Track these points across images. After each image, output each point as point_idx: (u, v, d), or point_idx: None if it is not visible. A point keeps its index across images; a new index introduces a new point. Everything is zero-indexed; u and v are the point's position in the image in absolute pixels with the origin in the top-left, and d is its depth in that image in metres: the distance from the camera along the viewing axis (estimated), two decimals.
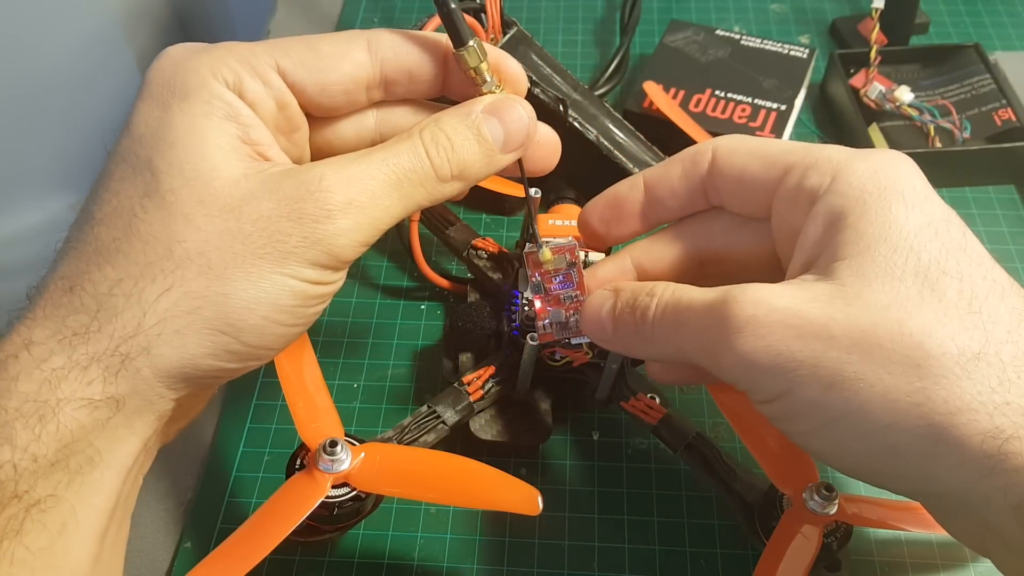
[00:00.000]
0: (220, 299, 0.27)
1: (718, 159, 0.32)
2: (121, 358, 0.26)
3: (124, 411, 0.27)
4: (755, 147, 0.31)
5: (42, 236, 0.29)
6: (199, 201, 0.27)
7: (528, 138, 0.31)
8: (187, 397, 0.29)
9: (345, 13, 0.68)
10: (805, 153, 0.30)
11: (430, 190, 0.30)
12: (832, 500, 0.35)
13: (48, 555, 0.25)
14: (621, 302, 0.31)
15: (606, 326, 0.32)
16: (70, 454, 0.25)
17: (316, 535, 0.37)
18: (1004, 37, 0.64)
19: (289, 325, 0.29)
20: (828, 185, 0.28)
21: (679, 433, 0.40)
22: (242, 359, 0.29)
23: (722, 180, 0.32)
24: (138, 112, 0.28)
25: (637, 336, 0.31)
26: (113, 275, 0.27)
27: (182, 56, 0.29)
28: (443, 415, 0.40)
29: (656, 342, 0.30)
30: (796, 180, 0.29)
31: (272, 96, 0.29)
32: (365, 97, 0.31)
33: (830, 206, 0.28)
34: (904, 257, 0.26)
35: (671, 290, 0.30)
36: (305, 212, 0.27)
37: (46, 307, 0.27)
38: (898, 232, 0.27)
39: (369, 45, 0.30)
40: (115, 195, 0.28)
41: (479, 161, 0.30)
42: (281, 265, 0.28)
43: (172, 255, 0.27)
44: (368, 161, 0.29)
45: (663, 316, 0.30)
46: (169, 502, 0.42)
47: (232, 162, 0.28)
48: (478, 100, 0.30)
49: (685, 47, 0.59)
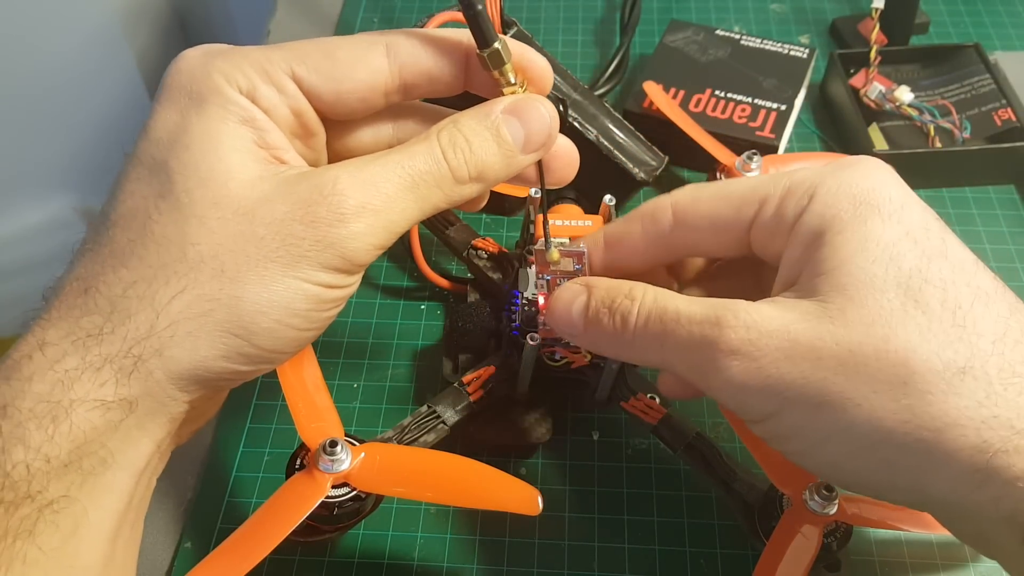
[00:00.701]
0: (233, 302, 0.27)
1: (680, 213, 0.32)
2: (134, 360, 0.26)
3: (137, 413, 0.27)
4: (718, 191, 0.32)
5: (42, 236, 0.29)
6: (213, 203, 0.27)
7: (550, 138, 0.31)
8: (200, 400, 0.29)
9: (345, 13, 0.68)
10: (776, 183, 0.30)
11: (447, 192, 0.29)
12: (832, 500, 0.35)
13: (60, 555, 0.25)
14: (596, 300, 0.31)
15: (576, 323, 0.31)
16: (83, 455, 0.25)
17: (316, 535, 0.37)
18: (1004, 37, 0.64)
19: (302, 329, 0.29)
20: (805, 206, 0.29)
21: (679, 433, 0.40)
22: (254, 362, 0.28)
23: (689, 232, 0.32)
24: (156, 115, 0.28)
25: (615, 340, 0.30)
26: (128, 277, 0.27)
27: (198, 60, 0.29)
28: (443, 415, 0.40)
29: (636, 349, 0.30)
30: (772, 211, 0.30)
31: (286, 103, 0.29)
32: (383, 102, 0.31)
33: (808, 227, 0.28)
34: (884, 268, 0.26)
35: (652, 296, 0.30)
36: (318, 216, 0.27)
37: (61, 308, 0.27)
38: (875, 244, 0.27)
39: (388, 50, 0.30)
40: (131, 196, 0.28)
41: (499, 162, 0.30)
42: (294, 268, 0.27)
43: (185, 257, 0.27)
44: (383, 163, 0.28)
45: (646, 325, 0.29)
46: (169, 502, 0.42)
47: (248, 164, 0.28)
48: (498, 100, 0.30)
49: (685, 47, 0.59)
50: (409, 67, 0.30)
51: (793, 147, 0.57)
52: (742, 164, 0.49)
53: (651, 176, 0.50)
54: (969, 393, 0.25)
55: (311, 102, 0.29)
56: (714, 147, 0.50)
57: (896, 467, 0.26)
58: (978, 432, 0.25)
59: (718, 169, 0.50)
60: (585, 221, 0.43)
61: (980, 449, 0.25)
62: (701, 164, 0.52)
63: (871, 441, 0.26)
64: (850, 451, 0.26)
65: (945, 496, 0.26)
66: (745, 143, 0.52)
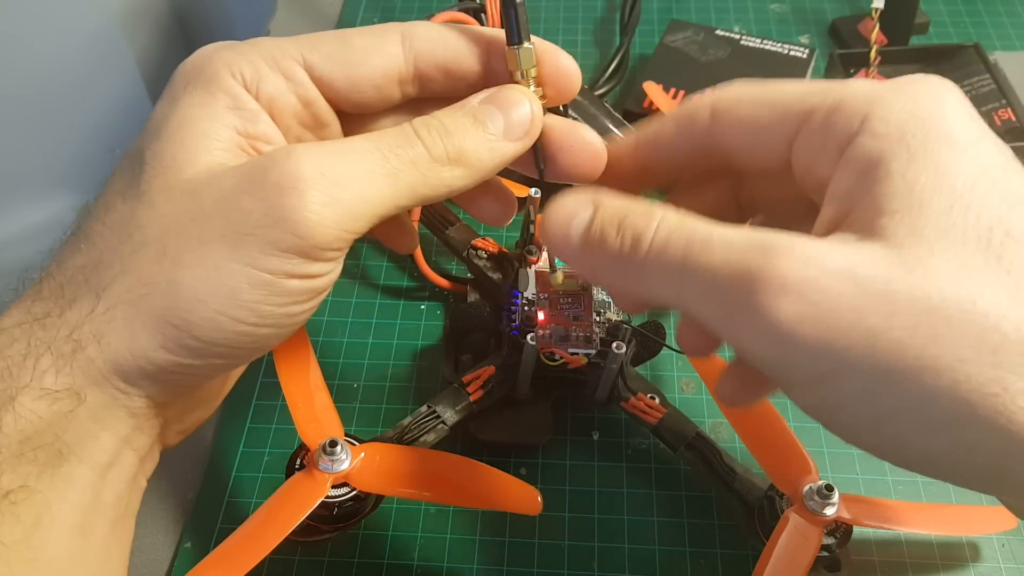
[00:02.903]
0: (170, 287, 0.25)
1: (720, 113, 0.28)
2: (73, 345, 0.25)
3: (88, 405, 0.26)
4: (763, 94, 0.27)
5: (42, 236, 0.29)
6: (167, 188, 0.26)
7: (533, 124, 0.28)
8: (166, 396, 0.28)
9: (345, 13, 0.68)
10: (827, 92, 0.25)
11: (424, 171, 0.27)
12: (832, 500, 0.35)
13: (24, 548, 0.24)
14: (602, 218, 0.25)
15: (572, 242, 0.25)
16: (36, 446, 0.25)
17: (316, 535, 0.37)
18: (1004, 37, 0.64)
19: (251, 324, 0.26)
20: (859, 126, 0.24)
21: (679, 433, 0.40)
22: (201, 356, 0.26)
23: (728, 136, 0.27)
24: (155, 108, 0.28)
25: (620, 265, 0.25)
26: (79, 261, 0.26)
27: (208, 52, 0.28)
28: (443, 415, 0.40)
29: (647, 279, 0.24)
30: (819, 125, 0.25)
31: (294, 91, 0.28)
32: (398, 93, 0.29)
33: (864, 150, 0.23)
34: (963, 216, 0.22)
35: (675, 216, 0.24)
36: (268, 183, 0.25)
37: (23, 297, 0.26)
38: (951, 183, 0.22)
39: (403, 38, 0.29)
40: (107, 188, 0.27)
41: (480, 145, 0.28)
42: (237, 250, 0.25)
43: (131, 239, 0.25)
44: (351, 139, 0.27)
45: (665, 250, 0.23)
46: (169, 502, 0.42)
47: (214, 152, 0.26)
48: (477, 94, 0.29)
49: (685, 47, 0.59)
50: (425, 57, 0.29)
51: None
52: None
53: None
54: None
55: (324, 91, 0.29)
56: None
57: (978, 448, 0.22)
58: None
59: None
60: None
61: None
62: None
63: (952, 417, 0.22)
64: (924, 428, 0.22)
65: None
66: None
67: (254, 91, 0.28)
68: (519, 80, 0.29)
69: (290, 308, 0.27)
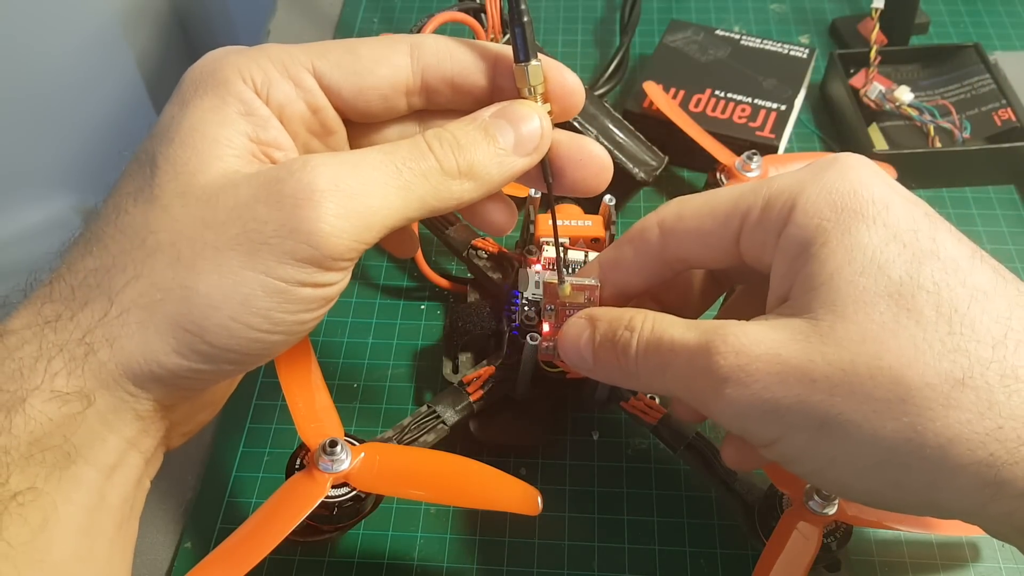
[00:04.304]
0: (184, 293, 0.25)
1: (667, 230, 0.31)
2: (86, 348, 0.25)
3: (97, 407, 0.26)
4: (702, 205, 0.30)
5: (42, 236, 0.29)
6: (180, 193, 0.26)
7: (543, 140, 0.29)
8: (173, 400, 0.28)
9: (345, 13, 0.68)
10: (757, 192, 0.29)
11: (435, 184, 0.28)
12: (832, 500, 0.35)
13: (30, 550, 0.24)
14: (599, 334, 0.30)
15: (586, 357, 0.31)
16: (44, 448, 0.25)
17: (316, 535, 0.37)
18: (1004, 37, 0.64)
19: (264, 331, 0.27)
20: (787, 216, 0.27)
21: (679, 433, 0.40)
22: (213, 361, 0.27)
23: (681, 248, 0.31)
24: (164, 111, 0.28)
25: (621, 372, 0.30)
26: (90, 264, 0.26)
27: (218, 56, 0.28)
28: (443, 415, 0.40)
29: (642, 379, 0.29)
30: (755, 222, 0.28)
31: (303, 98, 0.28)
32: (405, 104, 0.30)
33: (792, 240, 0.27)
34: (873, 279, 0.25)
35: (650, 324, 0.29)
36: (284, 194, 0.25)
37: (31, 298, 0.26)
38: (862, 253, 0.25)
39: (412, 50, 0.29)
40: (117, 190, 0.28)
41: (490, 160, 0.29)
42: (253, 259, 0.25)
43: (144, 245, 0.26)
44: (364, 151, 0.27)
45: (646, 356, 0.29)
46: (169, 502, 0.42)
47: (226, 158, 0.27)
48: (489, 107, 0.30)
49: (685, 47, 0.59)
50: (432, 70, 0.29)
51: (793, 147, 0.57)
52: (742, 164, 0.49)
53: (651, 176, 0.50)
54: (970, 405, 0.24)
55: (331, 99, 0.29)
56: (714, 147, 0.50)
57: (904, 485, 0.25)
58: (984, 446, 0.24)
59: (718, 169, 0.50)
60: (585, 221, 0.43)
61: (987, 463, 0.24)
62: (701, 164, 0.52)
63: (876, 460, 0.25)
64: (857, 471, 0.26)
65: (958, 510, 0.25)
66: (745, 143, 0.52)
67: (264, 97, 0.28)
68: (527, 96, 0.29)
69: (301, 315, 0.27)
